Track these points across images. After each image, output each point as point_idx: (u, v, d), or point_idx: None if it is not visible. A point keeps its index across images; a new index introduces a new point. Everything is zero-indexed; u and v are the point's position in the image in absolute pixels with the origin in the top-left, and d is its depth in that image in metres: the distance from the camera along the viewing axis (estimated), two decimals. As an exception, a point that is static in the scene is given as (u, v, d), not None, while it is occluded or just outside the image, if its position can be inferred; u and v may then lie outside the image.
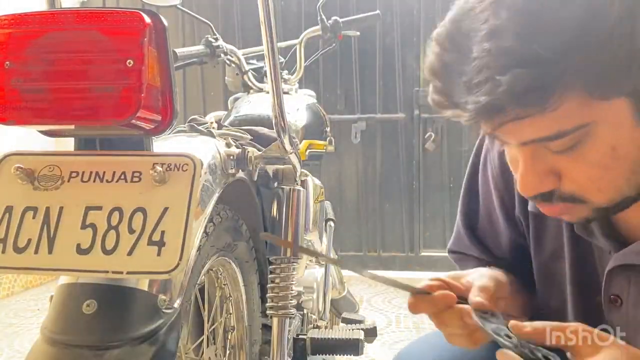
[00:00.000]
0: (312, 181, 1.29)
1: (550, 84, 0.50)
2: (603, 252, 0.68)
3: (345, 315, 1.66)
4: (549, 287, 0.77)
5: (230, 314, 1.04)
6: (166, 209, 0.61)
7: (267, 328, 1.08)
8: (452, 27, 0.57)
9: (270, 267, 0.99)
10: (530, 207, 0.74)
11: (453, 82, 0.55)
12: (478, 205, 0.84)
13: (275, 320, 0.98)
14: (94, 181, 0.64)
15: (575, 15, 0.49)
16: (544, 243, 0.76)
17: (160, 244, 0.60)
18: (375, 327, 1.47)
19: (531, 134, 0.55)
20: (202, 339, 0.97)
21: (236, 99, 1.49)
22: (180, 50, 1.25)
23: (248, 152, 0.89)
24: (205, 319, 0.96)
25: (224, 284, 1.02)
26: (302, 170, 1.11)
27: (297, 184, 1.02)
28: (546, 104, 0.51)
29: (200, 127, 0.92)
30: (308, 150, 1.41)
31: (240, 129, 1.05)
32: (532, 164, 0.58)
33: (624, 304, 0.66)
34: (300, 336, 1.14)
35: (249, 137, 1.03)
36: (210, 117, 1.35)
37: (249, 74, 1.46)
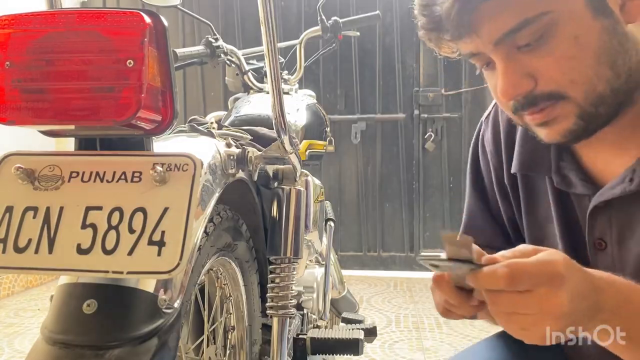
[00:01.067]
0: (312, 181, 1.29)
1: None
2: (582, 201, 0.72)
3: (345, 315, 1.66)
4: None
5: (230, 313, 1.05)
6: (166, 209, 0.62)
7: (267, 328, 1.08)
8: None
9: (270, 267, 1.00)
10: (514, 169, 0.77)
11: (432, 11, 0.65)
12: (484, 184, 0.87)
13: (275, 320, 0.98)
14: (94, 181, 0.64)
15: None
16: (534, 209, 0.79)
17: (161, 244, 0.60)
18: (375, 327, 1.47)
19: (501, 27, 0.61)
20: (202, 339, 0.97)
21: (236, 99, 1.49)
22: (180, 51, 1.25)
23: (248, 152, 0.89)
24: (205, 318, 0.96)
25: (224, 284, 1.02)
26: (302, 170, 1.11)
27: (297, 184, 1.02)
28: None
29: (200, 127, 0.92)
30: (308, 150, 1.41)
31: (240, 129, 1.06)
32: (508, 66, 0.63)
33: (608, 245, 0.69)
34: (300, 336, 1.14)
35: (249, 137, 1.03)
36: (210, 117, 1.35)
37: (249, 74, 1.46)
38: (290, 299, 0.99)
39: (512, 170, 0.78)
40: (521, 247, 0.57)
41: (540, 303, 0.52)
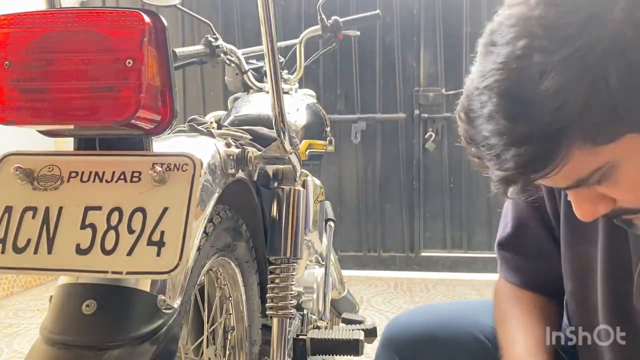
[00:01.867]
0: (312, 181, 1.28)
1: (550, 151, 0.53)
2: (638, 240, 0.69)
3: (345, 315, 1.66)
4: (577, 271, 0.78)
5: (230, 314, 1.04)
6: (166, 209, 0.61)
7: (267, 328, 1.08)
8: (465, 103, 0.60)
9: (270, 267, 0.99)
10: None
11: (477, 146, 0.59)
12: None
13: (275, 321, 0.98)
14: (94, 181, 0.64)
15: (555, 88, 0.50)
16: (578, 224, 0.74)
17: (160, 244, 0.60)
18: (375, 328, 1.47)
19: (558, 184, 0.58)
20: (202, 339, 0.97)
21: (236, 99, 1.49)
22: (180, 50, 1.25)
23: (248, 152, 0.89)
24: (205, 319, 0.96)
25: (224, 284, 1.02)
26: (302, 170, 1.11)
27: (297, 184, 1.02)
28: (554, 166, 0.54)
29: (200, 127, 0.92)
30: (308, 150, 1.41)
31: (240, 129, 1.05)
32: (580, 197, 0.60)
33: None
34: (300, 336, 1.14)
35: (249, 137, 1.03)
36: (210, 117, 1.35)
37: (249, 73, 1.46)
38: (290, 300, 0.98)
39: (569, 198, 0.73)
40: None
41: None
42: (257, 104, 1.36)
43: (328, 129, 1.58)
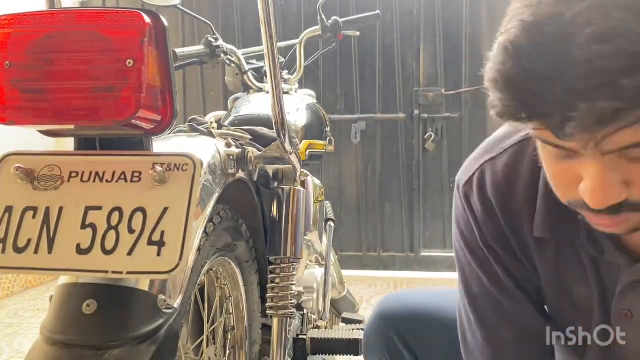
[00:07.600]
0: (312, 181, 1.29)
1: None
2: (610, 269, 0.68)
3: (345, 315, 1.66)
4: (575, 313, 0.75)
5: (230, 314, 1.04)
6: (166, 209, 0.62)
7: (267, 328, 1.08)
8: (531, 34, 0.50)
9: (270, 267, 0.99)
10: (537, 232, 0.70)
11: (543, 90, 0.50)
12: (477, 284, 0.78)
13: (275, 320, 0.98)
14: (94, 181, 0.64)
15: None
16: (558, 271, 0.73)
17: (160, 244, 0.60)
18: (375, 327, 1.47)
19: (621, 140, 0.51)
20: (202, 339, 0.97)
21: (236, 99, 1.49)
22: (180, 50, 1.25)
23: (248, 152, 0.89)
24: (205, 319, 0.96)
25: (224, 284, 1.02)
26: (302, 170, 1.11)
27: (297, 184, 1.02)
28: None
29: (200, 127, 0.92)
30: (308, 150, 1.41)
31: (240, 129, 1.05)
32: (607, 174, 0.53)
33: (634, 316, 0.68)
34: (300, 336, 1.14)
35: (249, 137, 1.03)
36: (210, 117, 1.35)
37: (249, 74, 1.46)
38: (290, 299, 0.99)
39: (535, 234, 0.70)
40: None
41: None
42: (257, 104, 1.37)
43: (328, 129, 1.58)
